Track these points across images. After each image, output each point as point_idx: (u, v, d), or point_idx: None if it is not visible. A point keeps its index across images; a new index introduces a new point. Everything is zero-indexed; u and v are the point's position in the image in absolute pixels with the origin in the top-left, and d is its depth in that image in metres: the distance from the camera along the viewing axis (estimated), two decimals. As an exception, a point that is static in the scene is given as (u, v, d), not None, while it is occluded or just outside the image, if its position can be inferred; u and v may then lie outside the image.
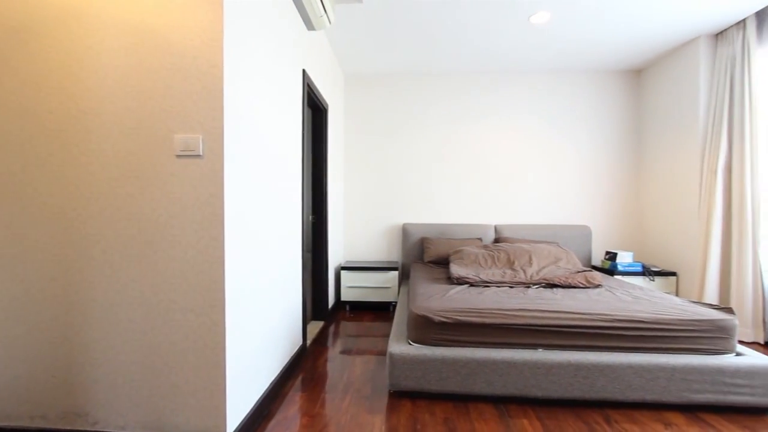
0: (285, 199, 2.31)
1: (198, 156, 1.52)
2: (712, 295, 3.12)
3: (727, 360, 1.94)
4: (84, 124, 1.58)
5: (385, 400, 2.06)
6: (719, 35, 3.27)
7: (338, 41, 3.48)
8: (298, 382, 2.29)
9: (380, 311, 3.91)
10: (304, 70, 2.66)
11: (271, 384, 2.05)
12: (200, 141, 1.51)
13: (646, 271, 3.61)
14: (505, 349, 2.04)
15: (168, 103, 1.53)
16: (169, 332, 1.56)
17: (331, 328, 3.32)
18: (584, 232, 4.03)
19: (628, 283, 2.87)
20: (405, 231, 4.16)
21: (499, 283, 2.78)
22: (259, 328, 1.91)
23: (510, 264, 3.18)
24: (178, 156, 1.53)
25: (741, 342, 2.95)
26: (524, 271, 3.03)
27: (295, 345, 2.54)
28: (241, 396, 1.69)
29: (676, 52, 3.63)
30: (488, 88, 4.24)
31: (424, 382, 2.02)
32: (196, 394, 1.55)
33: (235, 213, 1.63)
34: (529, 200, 4.23)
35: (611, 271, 3.69)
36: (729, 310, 2.09)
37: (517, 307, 2.13)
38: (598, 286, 2.74)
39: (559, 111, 4.20)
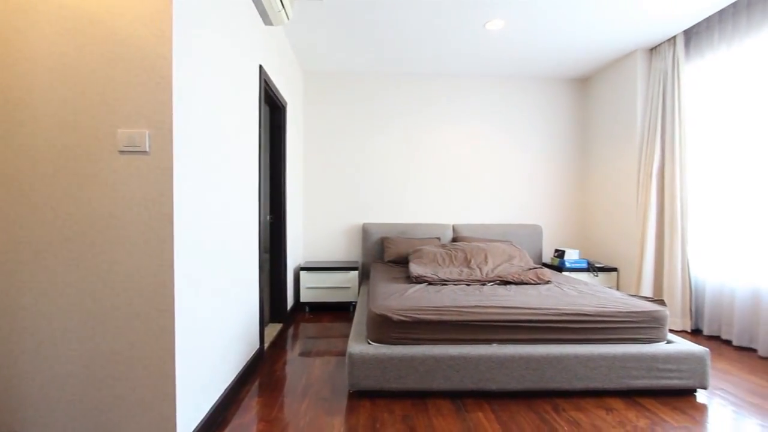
0: (241, 198, 2.24)
1: (144, 152, 1.44)
2: (647, 288, 3.40)
3: (659, 348, 2.11)
4: (13, 115, 1.43)
5: (344, 401, 2.05)
6: (653, 50, 3.56)
7: (297, 38, 3.41)
8: (254, 387, 2.22)
9: (340, 311, 3.89)
10: (261, 66, 2.58)
11: (225, 390, 1.97)
12: (147, 136, 1.43)
13: (591, 267, 3.86)
14: (461, 345, 2.10)
15: (110, 95, 1.43)
16: (112, 340, 1.45)
17: (290, 330, 3.26)
18: (536, 231, 4.24)
19: (575, 279, 3.06)
20: (365, 231, 4.16)
21: (456, 281, 2.86)
22: (213, 332, 1.83)
23: (467, 262, 3.27)
24: (122, 152, 1.44)
25: (671, 330, 3.23)
26: (480, 269, 3.14)
27: (252, 349, 2.46)
28: (193, 404, 1.62)
29: (616, 64, 3.91)
30: (447, 91, 4.34)
31: (384, 381, 2.03)
32: (143, 405, 1.46)
33: (186, 212, 1.56)
34: (486, 200, 4.38)
35: (560, 267, 3.91)
36: (661, 302, 2.28)
37: (473, 304, 2.20)
38: (547, 282, 2.89)
39: (513, 115, 4.39)
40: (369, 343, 2.13)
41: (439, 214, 4.36)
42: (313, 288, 3.83)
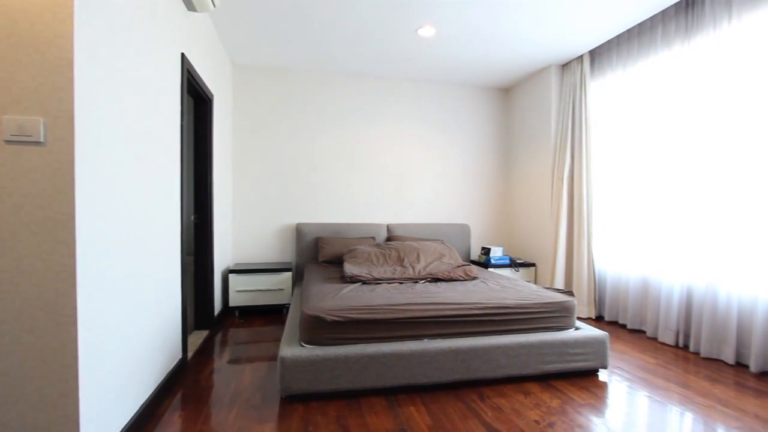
0: (159, 196, 2.06)
1: (38, 143, 1.26)
2: (560, 280, 3.76)
3: (569, 334, 2.35)
4: None
5: (276, 406, 1.98)
6: (565, 66, 3.94)
7: (226, 28, 3.23)
8: (176, 399, 2.06)
9: (273, 315, 3.76)
10: (183, 54, 2.40)
11: (141, 406, 1.80)
12: (41, 125, 1.25)
13: (513, 263, 4.17)
14: (394, 343, 2.14)
15: (-7, 76, 1.23)
16: (-4, 360, 1.26)
17: (218, 337, 3.07)
18: (465, 230, 4.47)
19: (499, 275, 3.28)
20: (299, 231, 4.07)
21: (389, 280, 2.91)
22: (125, 344, 1.66)
23: (400, 261, 3.35)
24: (9, 142, 1.25)
25: (579, 318, 3.60)
26: (413, 268, 3.23)
27: (174, 359, 2.28)
28: (102, 425, 1.45)
29: (534, 77, 4.26)
30: (381, 92, 4.40)
31: (317, 382, 2.00)
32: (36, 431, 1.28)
33: (92, 212, 1.40)
34: (419, 201, 4.52)
35: (486, 264, 4.17)
36: (570, 293, 2.54)
37: (405, 302, 2.26)
38: (474, 278, 3.06)
39: (444, 119, 4.58)
40: (302, 346, 2.09)
41: (374, 214, 4.40)
42: (244, 291, 3.66)
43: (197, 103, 3.12)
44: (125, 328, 1.66)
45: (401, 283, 2.88)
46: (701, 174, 2.71)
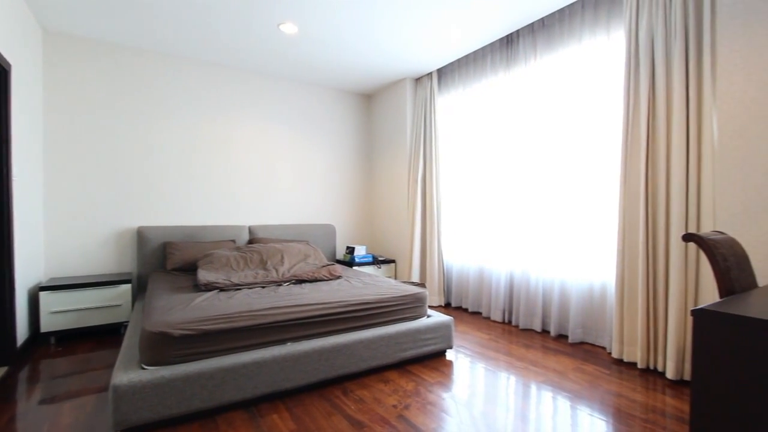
0: None
1: None
2: (416, 274, 4.14)
3: (422, 322, 2.61)
4: None
5: (107, 445, 1.68)
6: (418, 80, 4.36)
7: (29, -17, 2.58)
8: (-51, 465, 1.56)
9: (108, 336, 3.15)
10: (-42, 9, 1.82)
11: None
12: None
13: (375, 261, 4.42)
14: (255, 350, 2.04)
15: None
16: None
17: (23, 373, 2.43)
18: (330, 230, 4.54)
19: (362, 272, 3.43)
20: (141, 235, 3.52)
21: (251, 285, 2.76)
22: None
23: (263, 264, 3.21)
24: None
25: (431, 306, 4.04)
26: (276, 270, 3.13)
27: (-55, 412, 1.72)
28: None
29: (392, 87, 4.60)
30: (242, 87, 4.13)
31: (163, 408, 1.77)
32: None
33: None
34: (283, 201, 4.40)
35: (350, 262, 4.31)
36: (422, 285, 2.82)
37: (267, 306, 2.17)
38: (338, 277, 3.14)
39: (309, 120, 4.56)
40: (143, 368, 1.82)
41: (235, 216, 4.11)
42: (63, 312, 2.97)
43: (-16, 74, 2.41)
44: None
45: (264, 287, 2.76)
46: (520, 181, 3.34)
